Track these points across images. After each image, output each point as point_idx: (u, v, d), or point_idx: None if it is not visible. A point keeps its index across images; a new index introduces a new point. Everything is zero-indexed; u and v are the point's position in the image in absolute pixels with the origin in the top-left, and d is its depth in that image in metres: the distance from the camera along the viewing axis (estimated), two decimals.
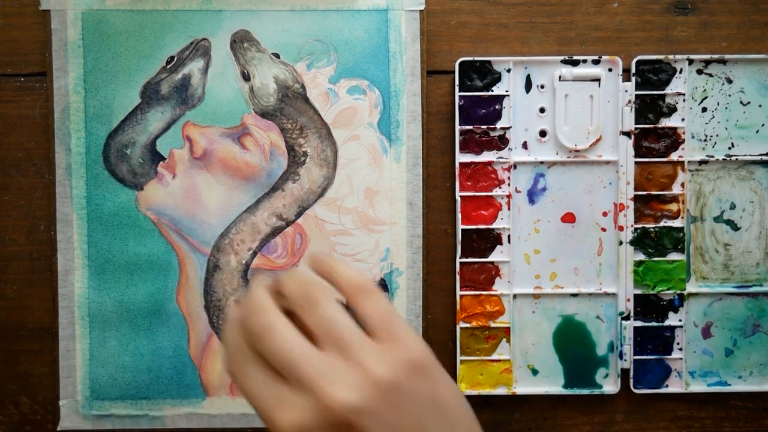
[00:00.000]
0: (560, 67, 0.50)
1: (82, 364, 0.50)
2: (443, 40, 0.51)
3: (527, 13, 0.51)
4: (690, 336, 0.51)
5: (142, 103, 0.49)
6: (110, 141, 0.50)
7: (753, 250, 0.51)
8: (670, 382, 0.51)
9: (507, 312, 0.51)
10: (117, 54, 0.49)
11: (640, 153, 0.50)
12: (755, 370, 0.51)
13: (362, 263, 0.50)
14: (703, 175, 0.51)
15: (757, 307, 0.51)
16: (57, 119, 0.49)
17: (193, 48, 0.49)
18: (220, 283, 0.50)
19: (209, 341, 0.50)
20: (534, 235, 0.51)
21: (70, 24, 0.49)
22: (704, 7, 0.51)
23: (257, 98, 0.50)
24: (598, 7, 0.51)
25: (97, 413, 0.50)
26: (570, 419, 0.51)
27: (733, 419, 0.52)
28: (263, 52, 0.49)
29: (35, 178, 0.50)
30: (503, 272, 0.51)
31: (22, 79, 0.50)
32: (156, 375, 0.50)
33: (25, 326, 0.51)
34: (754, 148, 0.51)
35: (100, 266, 0.50)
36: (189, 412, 0.50)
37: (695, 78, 0.50)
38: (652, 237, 0.50)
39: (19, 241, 0.50)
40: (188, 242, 0.50)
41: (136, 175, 0.50)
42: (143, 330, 0.50)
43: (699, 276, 0.51)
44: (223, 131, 0.50)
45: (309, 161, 0.50)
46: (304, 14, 0.49)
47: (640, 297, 0.51)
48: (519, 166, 0.50)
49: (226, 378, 0.50)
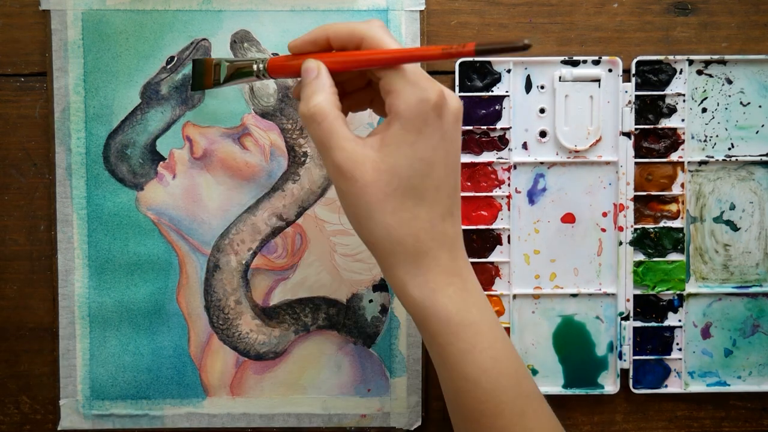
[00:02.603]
0: (560, 67, 0.50)
1: (82, 363, 0.50)
2: (443, 40, 0.51)
3: (527, 13, 0.51)
4: (689, 336, 0.51)
5: (142, 103, 0.49)
6: (110, 141, 0.50)
7: (752, 251, 0.51)
8: (670, 383, 0.51)
9: (507, 312, 0.51)
10: (117, 54, 0.49)
11: (640, 153, 0.50)
12: (754, 370, 0.51)
13: (362, 263, 0.50)
14: (703, 175, 0.51)
15: (757, 308, 0.51)
16: (57, 119, 0.49)
17: (193, 48, 0.49)
18: (220, 283, 0.50)
19: (209, 341, 0.50)
20: (534, 236, 0.51)
21: (70, 24, 0.49)
22: (704, 7, 0.51)
23: (257, 98, 0.50)
24: (598, 8, 0.51)
25: (97, 413, 0.50)
26: (570, 419, 0.52)
27: (733, 419, 0.52)
28: (263, 52, 0.49)
29: (35, 178, 0.50)
30: (503, 272, 0.51)
31: (22, 79, 0.50)
32: (156, 375, 0.50)
33: (25, 326, 0.51)
34: (754, 149, 0.51)
35: (101, 266, 0.50)
36: (189, 412, 0.50)
37: (695, 78, 0.50)
38: (651, 237, 0.51)
39: (19, 241, 0.50)
40: (188, 242, 0.50)
41: (136, 175, 0.50)
42: (143, 330, 0.50)
43: (698, 276, 0.51)
44: (223, 131, 0.50)
45: (309, 161, 0.50)
46: (304, 14, 0.49)
47: (639, 297, 0.51)
48: (519, 166, 0.50)
49: (227, 378, 0.50)
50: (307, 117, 0.39)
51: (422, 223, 0.39)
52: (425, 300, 0.39)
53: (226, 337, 0.50)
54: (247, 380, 0.50)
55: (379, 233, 0.39)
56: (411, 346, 0.50)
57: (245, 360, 0.50)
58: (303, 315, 0.50)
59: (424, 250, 0.39)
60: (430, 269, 0.39)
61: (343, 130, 0.38)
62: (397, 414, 0.51)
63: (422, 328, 0.40)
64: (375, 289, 0.50)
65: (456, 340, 0.39)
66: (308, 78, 0.40)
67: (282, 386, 0.50)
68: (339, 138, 0.38)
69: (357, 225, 0.39)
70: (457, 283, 0.39)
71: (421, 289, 0.39)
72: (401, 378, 0.50)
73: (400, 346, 0.50)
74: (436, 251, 0.39)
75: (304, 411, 0.51)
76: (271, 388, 0.50)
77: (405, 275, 0.39)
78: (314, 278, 0.50)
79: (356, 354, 0.51)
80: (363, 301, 0.50)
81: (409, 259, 0.39)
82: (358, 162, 0.38)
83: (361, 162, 0.38)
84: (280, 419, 0.51)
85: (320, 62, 0.40)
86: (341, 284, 0.50)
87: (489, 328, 0.39)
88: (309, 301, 0.50)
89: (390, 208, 0.38)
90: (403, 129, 0.38)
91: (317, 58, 0.40)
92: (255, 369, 0.50)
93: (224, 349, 0.50)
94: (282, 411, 0.50)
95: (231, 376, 0.50)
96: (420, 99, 0.37)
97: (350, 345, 0.51)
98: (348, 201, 0.39)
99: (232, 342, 0.50)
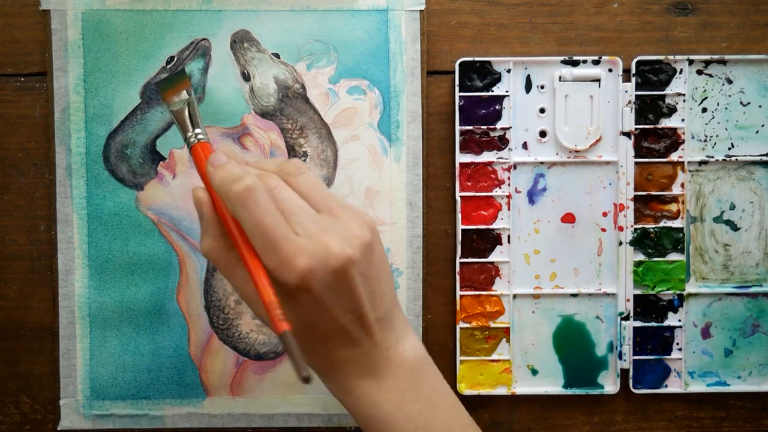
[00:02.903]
0: (560, 67, 0.50)
1: (82, 363, 0.50)
2: (443, 41, 0.51)
3: (527, 13, 0.51)
4: (689, 336, 0.51)
5: (142, 103, 0.49)
6: (110, 141, 0.50)
7: (752, 251, 0.51)
8: (670, 382, 0.51)
9: (507, 312, 0.51)
10: (117, 54, 0.49)
11: (640, 153, 0.50)
12: (754, 370, 0.51)
13: None
14: (703, 175, 0.51)
15: (757, 308, 0.51)
16: (57, 119, 0.49)
17: (193, 48, 0.49)
18: (220, 283, 0.50)
19: (209, 341, 0.50)
20: (534, 236, 0.51)
21: (70, 24, 0.49)
22: (704, 7, 0.51)
23: (257, 98, 0.50)
24: (598, 8, 0.51)
25: (97, 413, 0.50)
26: (569, 419, 0.52)
27: (733, 419, 0.52)
28: (263, 52, 0.49)
29: (35, 178, 0.50)
30: (503, 272, 0.51)
31: (22, 79, 0.50)
32: (156, 375, 0.50)
33: (25, 326, 0.51)
34: (754, 149, 0.51)
35: (101, 266, 0.50)
36: (189, 411, 0.50)
37: (695, 78, 0.50)
38: (651, 237, 0.51)
39: (20, 241, 0.50)
40: (188, 242, 0.50)
41: (136, 175, 0.50)
42: (143, 330, 0.50)
43: (698, 276, 0.51)
44: (224, 131, 0.50)
45: (309, 161, 0.50)
46: (304, 14, 0.49)
47: (639, 297, 0.51)
48: (519, 166, 0.50)
49: (227, 378, 0.50)
50: (205, 255, 0.40)
51: (333, 356, 0.40)
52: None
53: (226, 337, 0.50)
54: (247, 380, 0.50)
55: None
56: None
57: (245, 360, 0.50)
58: None
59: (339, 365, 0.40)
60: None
61: (236, 273, 0.39)
62: None
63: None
64: None
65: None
66: (198, 211, 0.40)
67: (282, 386, 0.50)
68: (238, 281, 0.39)
69: None
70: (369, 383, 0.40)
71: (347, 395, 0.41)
72: None
73: None
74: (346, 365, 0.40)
75: (304, 411, 0.50)
76: (271, 388, 0.50)
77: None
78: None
79: None
80: None
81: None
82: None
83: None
84: (280, 419, 0.51)
85: (206, 198, 0.40)
86: None
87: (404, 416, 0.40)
88: None
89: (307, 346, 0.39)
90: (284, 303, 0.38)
91: (209, 190, 0.40)
92: (255, 369, 0.50)
93: (224, 349, 0.50)
94: (282, 411, 0.50)
95: (231, 376, 0.50)
96: (280, 285, 0.37)
97: None
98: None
99: (232, 342, 0.50)
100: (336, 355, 0.40)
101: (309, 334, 0.39)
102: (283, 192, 0.38)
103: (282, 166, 0.41)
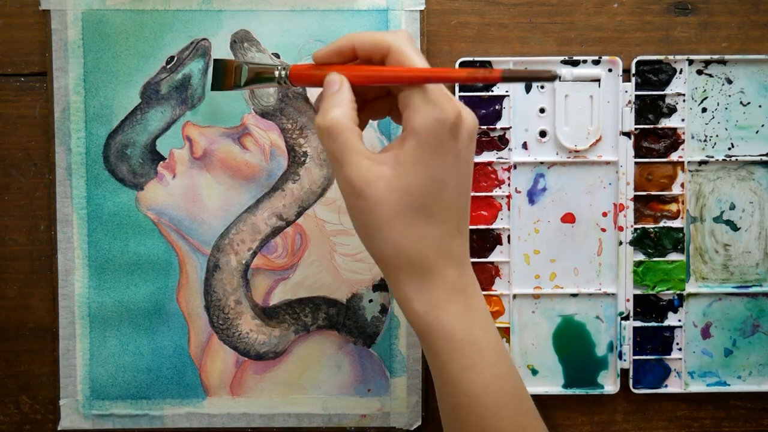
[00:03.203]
0: (560, 67, 0.50)
1: (82, 363, 0.50)
2: (443, 40, 0.51)
3: (527, 13, 0.51)
4: (689, 336, 0.51)
5: (142, 103, 0.49)
6: (110, 141, 0.50)
7: (752, 251, 0.51)
8: (670, 382, 0.51)
9: (507, 312, 0.51)
10: (117, 54, 0.49)
11: (639, 153, 0.50)
12: (754, 370, 0.51)
13: (362, 263, 0.50)
14: (703, 175, 0.51)
15: (757, 308, 0.51)
16: (57, 119, 0.49)
17: (193, 48, 0.49)
18: (220, 283, 0.50)
19: (209, 341, 0.50)
20: (534, 236, 0.51)
21: (70, 24, 0.49)
22: (704, 7, 0.51)
23: (257, 98, 0.50)
24: (598, 8, 0.51)
25: (97, 413, 0.50)
26: (569, 419, 0.52)
27: (733, 419, 0.52)
28: (263, 52, 0.49)
29: (35, 178, 0.50)
30: (503, 272, 0.51)
31: (22, 79, 0.50)
32: (156, 375, 0.50)
33: (25, 326, 0.51)
34: (754, 149, 0.51)
35: (101, 266, 0.50)
36: (189, 411, 0.50)
37: (695, 78, 0.50)
38: (651, 237, 0.51)
39: (19, 241, 0.50)
40: (188, 242, 0.50)
41: (136, 175, 0.50)
42: (143, 330, 0.50)
43: (698, 276, 0.51)
44: (223, 131, 0.50)
45: (309, 161, 0.50)
46: (305, 14, 0.49)
47: (639, 297, 0.51)
48: (519, 166, 0.50)
49: (227, 378, 0.50)
50: (323, 130, 0.38)
51: (430, 241, 0.39)
52: (429, 316, 0.39)
53: (226, 337, 0.50)
54: (247, 380, 0.50)
55: (387, 250, 0.39)
56: (411, 346, 0.50)
57: (245, 360, 0.50)
58: (303, 315, 0.50)
59: (431, 267, 0.39)
60: (436, 287, 0.39)
61: (358, 145, 0.38)
62: (397, 414, 0.51)
63: (425, 344, 0.40)
64: (375, 289, 0.50)
65: (458, 357, 0.39)
66: (329, 91, 0.39)
67: (282, 386, 0.50)
68: (353, 153, 0.38)
69: (365, 240, 0.40)
70: (461, 301, 0.39)
71: (426, 305, 0.39)
72: (401, 378, 0.50)
73: (400, 346, 0.50)
74: (443, 269, 0.39)
75: (304, 411, 0.51)
76: (271, 388, 0.50)
77: (411, 291, 0.39)
78: (314, 278, 0.50)
79: (356, 354, 0.51)
80: (363, 301, 0.50)
81: (415, 276, 0.39)
82: (370, 179, 0.38)
83: (374, 179, 0.38)
84: (280, 419, 0.51)
85: (343, 77, 0.39)
86: (341, 284, 0.50)
87: (491, 346, 0.39)
88: (309, 301, 0.50)
89: (399, 225, 0.38)
90: (418, 148, 0.37)
91: (341, 71, 0.40)
92: (255, 369, 0.50)
93: (224, 349, 0.50)
94: (282, 411, 0.50)
95: (231, 376, 0.50)
96: (437, 119, 0.37)
97: (350, 345, 0.51)
98: (357, 216, 0.39)
99: (232, 342, 0.50)
100: (447, 245, 0.39)
101: (427, 211, 0.38)
102: None
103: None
